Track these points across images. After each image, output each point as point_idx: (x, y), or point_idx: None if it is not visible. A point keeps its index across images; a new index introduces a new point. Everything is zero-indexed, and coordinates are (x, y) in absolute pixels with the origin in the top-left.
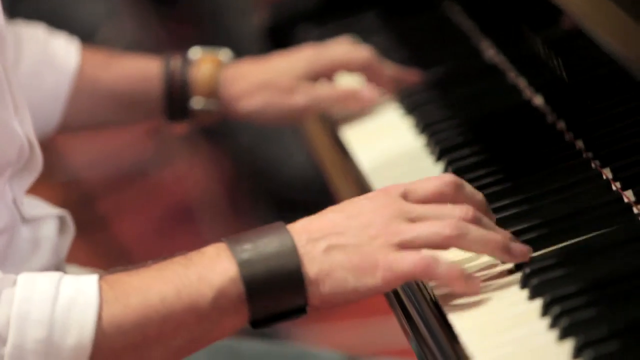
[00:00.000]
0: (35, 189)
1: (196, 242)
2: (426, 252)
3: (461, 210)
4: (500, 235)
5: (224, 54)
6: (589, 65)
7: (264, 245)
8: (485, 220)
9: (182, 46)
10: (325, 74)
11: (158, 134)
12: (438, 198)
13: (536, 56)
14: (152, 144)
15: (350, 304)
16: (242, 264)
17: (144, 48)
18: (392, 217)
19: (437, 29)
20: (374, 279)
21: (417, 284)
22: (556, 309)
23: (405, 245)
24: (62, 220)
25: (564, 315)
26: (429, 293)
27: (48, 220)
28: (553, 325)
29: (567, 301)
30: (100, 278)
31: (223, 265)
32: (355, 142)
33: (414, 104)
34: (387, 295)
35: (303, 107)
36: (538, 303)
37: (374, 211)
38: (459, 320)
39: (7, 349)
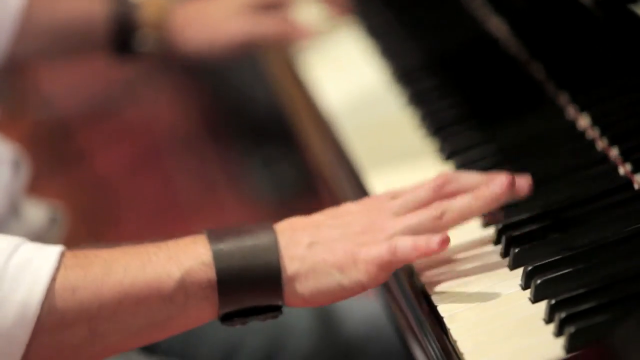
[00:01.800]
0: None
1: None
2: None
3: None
4: (484, 189)
5: None
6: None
7: (243, 238)
8: (464, 179)
9: None
10: (269, 4)
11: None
12: (431, 202)
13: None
14: (122, 79)
15: (337, 301)
16: (217, 252)
17: None
18: (377, 216)
19: None
20: (357, 273)
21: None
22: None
23: (390, 239)
24: (16, 164)
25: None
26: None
27: (1, 165)
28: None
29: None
30: (68, 250)
31: (197, 250)
32: (315, 71)
33: (371, 26)
34: None
35: (239, 40)
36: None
37: (359, 212)
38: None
39: None
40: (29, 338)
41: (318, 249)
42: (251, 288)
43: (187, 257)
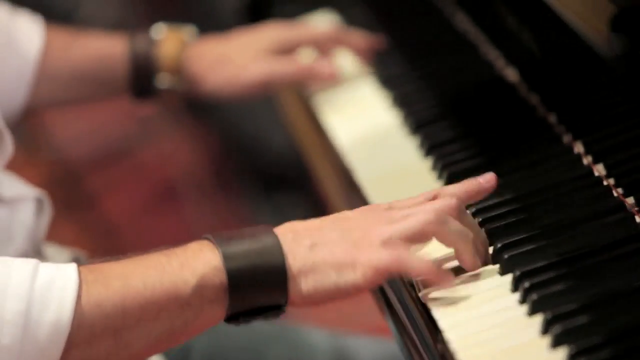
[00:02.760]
0: (21, 167)
1: (182, 220)
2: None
3: (443, 202)
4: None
5: (188, 31)
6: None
7: (248, 241)
8: (468, 219)
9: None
10: (288, 48)
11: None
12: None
13: (509, 30)
14: (137, 121)
15: (331, 301)
16: (226, 256)
17: (126, 23)
18: (375, 222)
19: (412, 2)
20: (354, 275)
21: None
22: (526, 284)
23: (387, 244)
24: (39, 203)
25: (534, 290)
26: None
27: (25, 203)
28: (523, 300)
29: (537, 276)
30: (80, 265)
31: (207, 255)
32: (331, 117)
33: (388, 77)
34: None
35: (259, 81)
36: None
37: (359, 218)
38: (431, 296)
39: None
40: (60, 355)
41: (318, 250)
42: (259, 288)
43: (199, 263)
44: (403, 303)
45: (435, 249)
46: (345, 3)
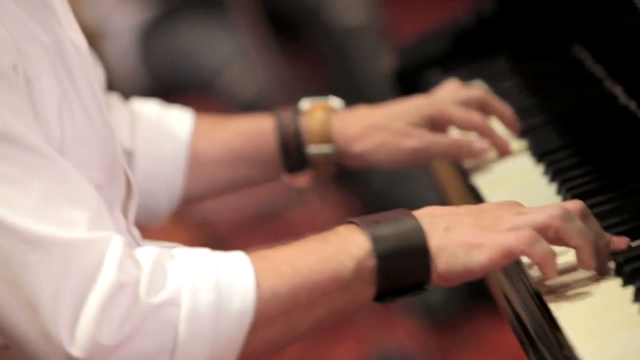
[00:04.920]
0: (167, 230)
1: None
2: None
3: (571, 203)
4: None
5: (335, 101)
6: None
7: (393, 224)
8: (593, 222)
9: (308, 87)
10: (437, 123)
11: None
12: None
13: None
14: (283, 186)
15: (462, 280)
16: (375, 239)
17: (270, 88)
18: (506, 212)
19: (568, 73)
20: (480, 256)
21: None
22: None
23: (514, 229)
24: None
25: None
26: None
27: None
28: None
29: None
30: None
31: (357, 238)
32: (486, 189)
33: (544, 151)
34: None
35: (415, 149)
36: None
37: (492, 209)
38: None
39: (183, 312)
40: (243, 341)
41: (451, 233)
42: (405, 268)
43: (353, 247)
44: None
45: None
46: (497, 74)
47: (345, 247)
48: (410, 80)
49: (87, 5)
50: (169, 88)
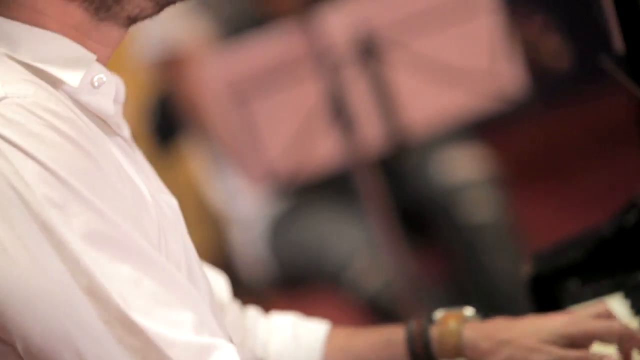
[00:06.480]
0: None
1: None
2: None
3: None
4: None
5: (468, 310)
6: None
7: None
8: None
9: (435, 282)
10: (576, 343)
11: None
12: None
13: None
14: None
15: None
16: None
17: (396, 282)
18: None
19: None
20: None
21: None
22: None
23: None
24: None
25: None
26: None
27: None
28: None
29: None
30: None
31: None
32: None
33: None
34: None
35: None
36: None
37: None
38: None
39: None
40: None
41: None
42: None
43: None
44: None
45: None
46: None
47: None
48: (545, 288)
49: (214, 189)
50: (297, 278)
